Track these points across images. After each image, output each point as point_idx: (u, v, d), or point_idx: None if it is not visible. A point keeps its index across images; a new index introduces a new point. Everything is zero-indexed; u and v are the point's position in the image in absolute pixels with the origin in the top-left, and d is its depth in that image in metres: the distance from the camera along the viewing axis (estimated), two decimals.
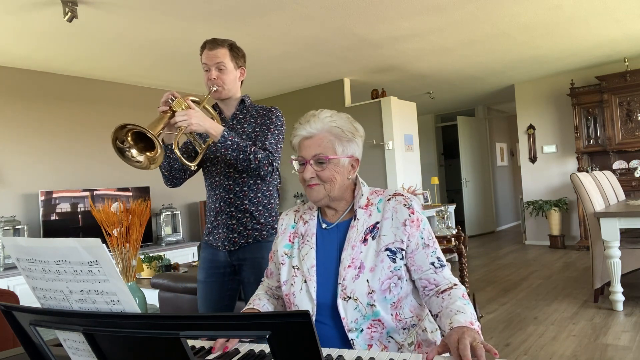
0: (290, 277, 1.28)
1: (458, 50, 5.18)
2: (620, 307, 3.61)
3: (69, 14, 3.28)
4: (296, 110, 6.59)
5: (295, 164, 1.28)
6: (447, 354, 0.98)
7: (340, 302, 1.19)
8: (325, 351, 1.03)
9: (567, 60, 6.00)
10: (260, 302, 1.35)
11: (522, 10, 4.11)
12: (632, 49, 5.69)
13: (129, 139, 1.61)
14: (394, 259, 1.21)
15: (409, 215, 1.22)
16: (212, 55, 1.84)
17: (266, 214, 1.90)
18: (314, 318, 1.21)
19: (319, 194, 1.25)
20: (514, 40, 4.95)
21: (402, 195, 1.27)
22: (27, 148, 4.82)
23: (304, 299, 1.24)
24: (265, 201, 1.91)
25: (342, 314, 1.19)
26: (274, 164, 1.81)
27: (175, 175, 1.92)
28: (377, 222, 1.24)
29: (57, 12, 3.45)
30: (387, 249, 1.21)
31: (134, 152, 1.62)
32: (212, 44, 1.85)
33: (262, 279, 1.48)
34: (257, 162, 1.75)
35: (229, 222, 1.87)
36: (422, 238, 1.22)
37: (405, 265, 1.23)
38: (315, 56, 5.10)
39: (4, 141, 4.66)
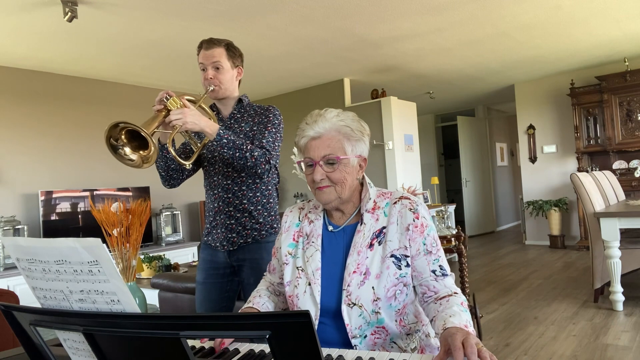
0: (294, 278, 1.26)
1: (458, 50, 5.18)
2: (620, 307, 3.60)
3: (69, 14, 3.28)
4: (296, 110, 6.59)
5: (299, 166, 1.25)
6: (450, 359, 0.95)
7: (344, 308, 1.17)
8: (325, 351, 1.03)
9: (567, 60, 6.00)
10: (260, 300, 1.34)
11: (522, 10, 4.11)
12: (632, 49, 5.69)
13: (123, 137, 1.59)
14: (399, 266, 1.18)
15: (413, 220, 1.19)
16: (208, 54, 1.83)
17: (265, 214, 1.89)
18: (317, 322, 1.20)
19: (330, 196, 1.22)
20: (514, 40, 4.95)
21: (409, 199, 1.23)
22: (27, 148, 4.82)
23: (308, 302, 1.21)
24: (264, 200, 1.90)
25: (346, 321, 1.16)
26: (272, 161, 1.79)
27: (172, 176, 1.90)
28: (384, 227, 1.21)
29: (57, 12, 3.45)
30: (392, 255, 1.18)
31: (127, 150, 1.61)
32: (208, 43, 1.84)
33: (264, 274, 1.46)
34: (253, 160, 1.73)
35: (228, 222, 1.86)
36: (424, 244, 1.19)
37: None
38: (315, 56, 5.10)
39: (4, 141, 4.66)
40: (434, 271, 1.19)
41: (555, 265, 5.51)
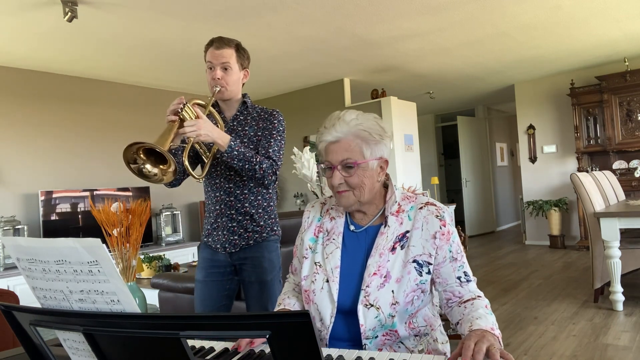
0: (312, 273, 1.26)
1: (458, 50, 5.18)
2: (620, 307, 3.60)
3: (69, 14, 3.28)
4: (296, 110, 6.59)
5: (320, 168, 1.25)
6: None
7: (361, 308, 1.17)
8: (325, 351, 1.03)
9: (567, 60, 6.00)
10: (290, 300, 1.34)
11: (522, 10, 4.11)
12: (632, 49, 5.69)
13: (141, 155, 1.59)
14: (421, 272, 1.18)
15: (440, 228, 1.19)
16: (218, 54, 1.82)
17: (265, 217, 1.91)
18: (333, 319, 1.20)
19: (349, 200, 1.22)
20: (514, 40, 4.95)
21: (435, 205, 1.23)
22: (27, 148, 4.82)
23: (325, 299, 1.21)
24: (265, 204, 1.92)
25: (362, 321, 1.16)
26: (277, 172, 1.82)
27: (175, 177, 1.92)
28: (407, 231, 1.21)
29: (57, 12, 3.45)
30: (414, 261, 1.18)
31: (148, 167, 1.62)
32: (219, 42, 1.84)
33: (288, 276, 1.46)
34: (262, 172, 1.76)
35: (230, 225, 1.88)
36: (450, 251, 1.19)
37: (431, 277, 1.21)
38: (315, 56, 5.10)
39: (4, 141, 4.66)
40: (459, 277, 1.20)
41: (555, 265, 5.51)
